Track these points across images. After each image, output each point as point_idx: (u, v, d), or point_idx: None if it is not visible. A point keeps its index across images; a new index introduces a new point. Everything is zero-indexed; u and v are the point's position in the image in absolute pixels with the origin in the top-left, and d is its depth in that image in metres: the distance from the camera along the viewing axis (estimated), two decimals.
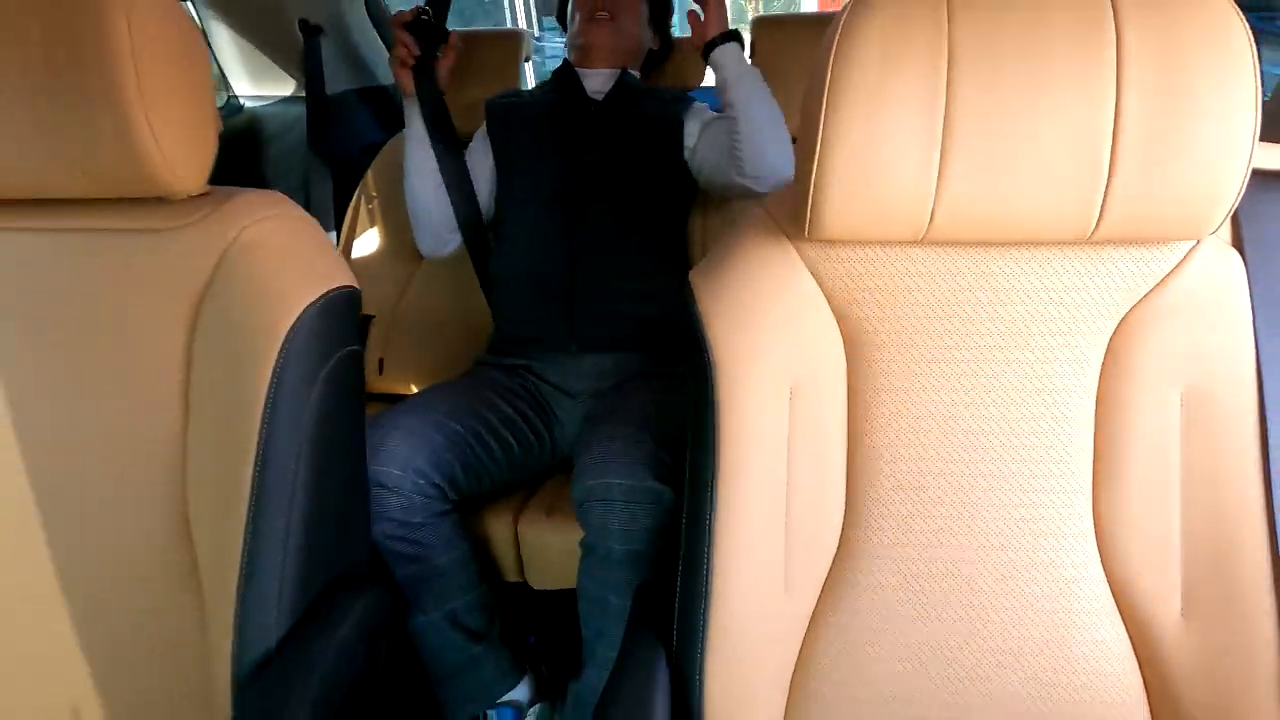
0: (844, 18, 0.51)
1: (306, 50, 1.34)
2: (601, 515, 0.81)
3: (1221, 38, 0.46)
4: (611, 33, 1.17)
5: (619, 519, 0.81)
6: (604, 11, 1.16)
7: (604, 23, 1.17)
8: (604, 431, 0.87)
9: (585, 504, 0.83)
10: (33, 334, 0.65)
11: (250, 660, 0.59)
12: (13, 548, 0.65)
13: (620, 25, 1.18)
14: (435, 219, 1.15)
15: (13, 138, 0.57)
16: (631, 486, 0.80)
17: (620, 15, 1.18)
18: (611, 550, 0.82)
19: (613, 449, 0.83)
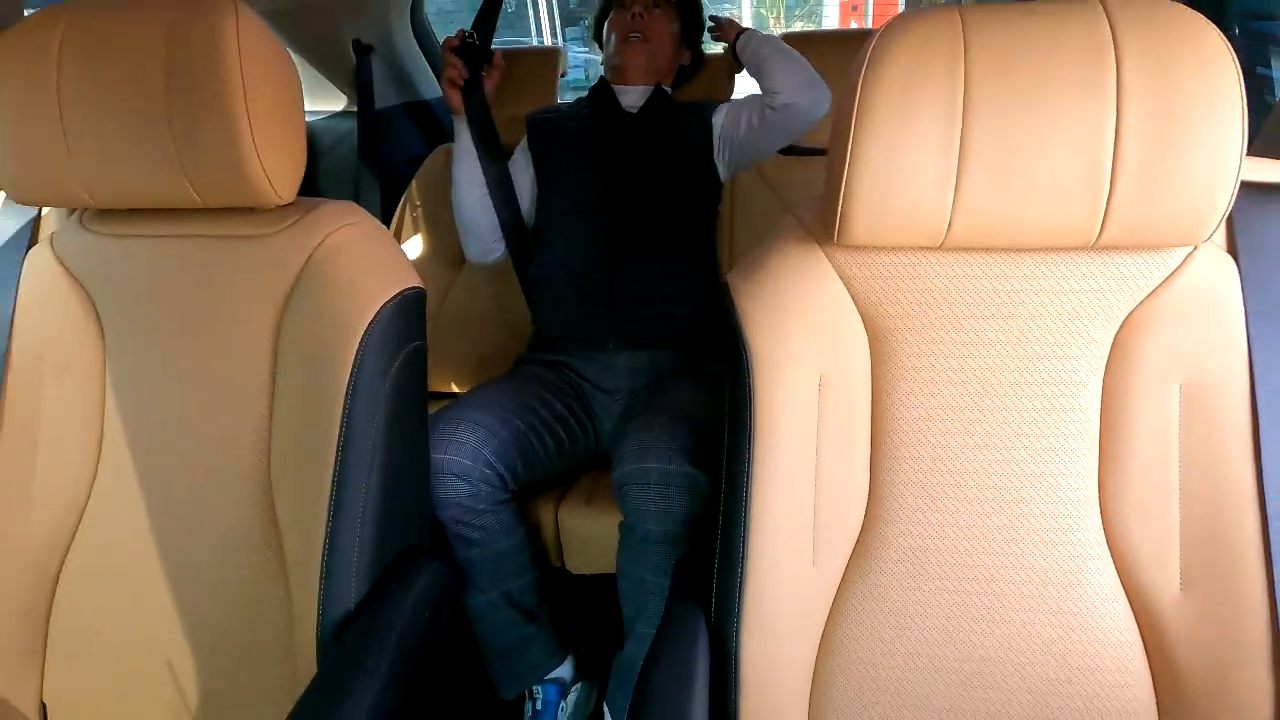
0: (872, 45, 0.57)
1: (358, 68, 1.43)
2: (640, 498, 0.87)
3: (1211, 67, 0.52)
4: (645, 53, 1.25)
5: (656, 502, 0.86)
6: (637, 33, 1.24)
7: (638, 44, 1.24)
8: (642, 421, 0.93)
9: (624, 488, 0.89)
10: (150, 326, 0.73)
11: (332, 620, 0.66)
12: (121, 514, 0.73)
13: (653, 45, 1.26)
14: (482, 228, 1.23)
15: (136, 155, 0.65)
16: (668, 471, 0.86)
17: (653, 36, 1.25)
18: (649, 532, 0.87)
19: (651, 437, 0.89)
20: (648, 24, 1.25)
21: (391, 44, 1.63)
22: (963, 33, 0.55)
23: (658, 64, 1.28)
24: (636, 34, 1.24)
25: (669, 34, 1.29)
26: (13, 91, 0.66)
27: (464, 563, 0.94)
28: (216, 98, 0.63)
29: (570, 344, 1.15)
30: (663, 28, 1.28)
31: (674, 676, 0.59)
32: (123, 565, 0.74)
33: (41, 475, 0.74)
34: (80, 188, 0.68)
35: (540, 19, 7.29)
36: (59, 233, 0.77)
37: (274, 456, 0.71)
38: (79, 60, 0.65)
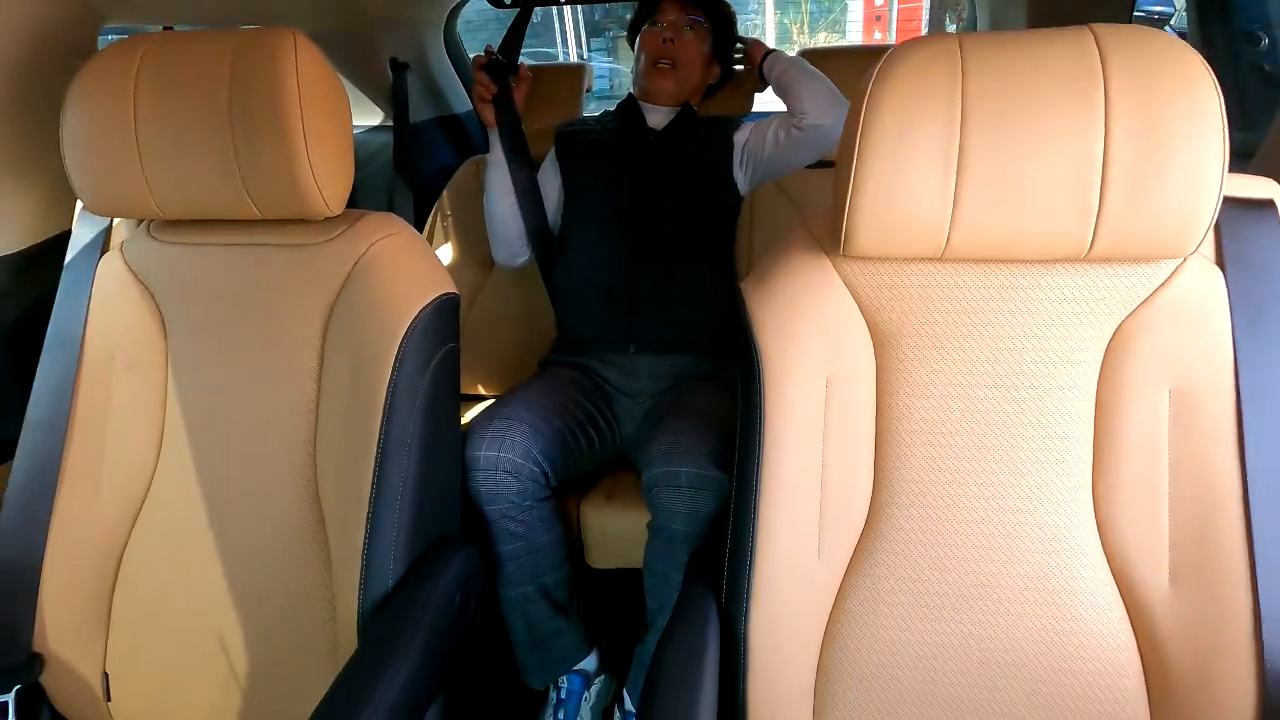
0: (877, 70, 0.61)
1: (395, 85, 1.50)
2: (669, 499, 0.91)
3: (1193, 91, 0.55)
4: (674, 80, 1.28)
5: (684, 503, 0.90)
6: (667, 61, 1.27)
7: (667, 71, 1.27)
8: (671, 425, 0.98)
9: (654, 489, 0.93)
10: (208, 326, 0.79)
11: (371, 600, 0.72)
12: (180, 499, 0.80)
13: (682, 73, 1.29)
14: (511, 234, 1.29)
15: (202, 171, 0.72)
16: (697, 474, 0.90)
17: (682, 63, 1.28)
18: (676, 531, 0.92)
19: (680, 441, 0.93)
20: (678, 50, 1.28)
21: (426, 61, 1.70)
22: (961, 58, 0.60)
23: (686, 89, 1.31)
24: (666, 62, 1.27)
25: (699, 57, 1.31)
26: (95, 113, 0.73)
27: (504, 556, 0.99)
28: (275, 118, 0.69)
29: (593, 347, 1.20)
30: (693, 51, 1.30)
31: (686, 652, 0.64)
32: (180, 547, 0.80)
33: (109, 462, 0.81)
34: (151, 200, 0.75)
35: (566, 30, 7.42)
36: (128, 241, 0.84)
37: (319, 448, 0.77)
38: (153, 84, 0.72)
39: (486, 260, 1.56)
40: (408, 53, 1.59)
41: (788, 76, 1.22)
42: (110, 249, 0.85)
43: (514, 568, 0.99)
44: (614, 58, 7.12)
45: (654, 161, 1.25)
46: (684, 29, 1.29)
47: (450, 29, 1.81)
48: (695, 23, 1.30)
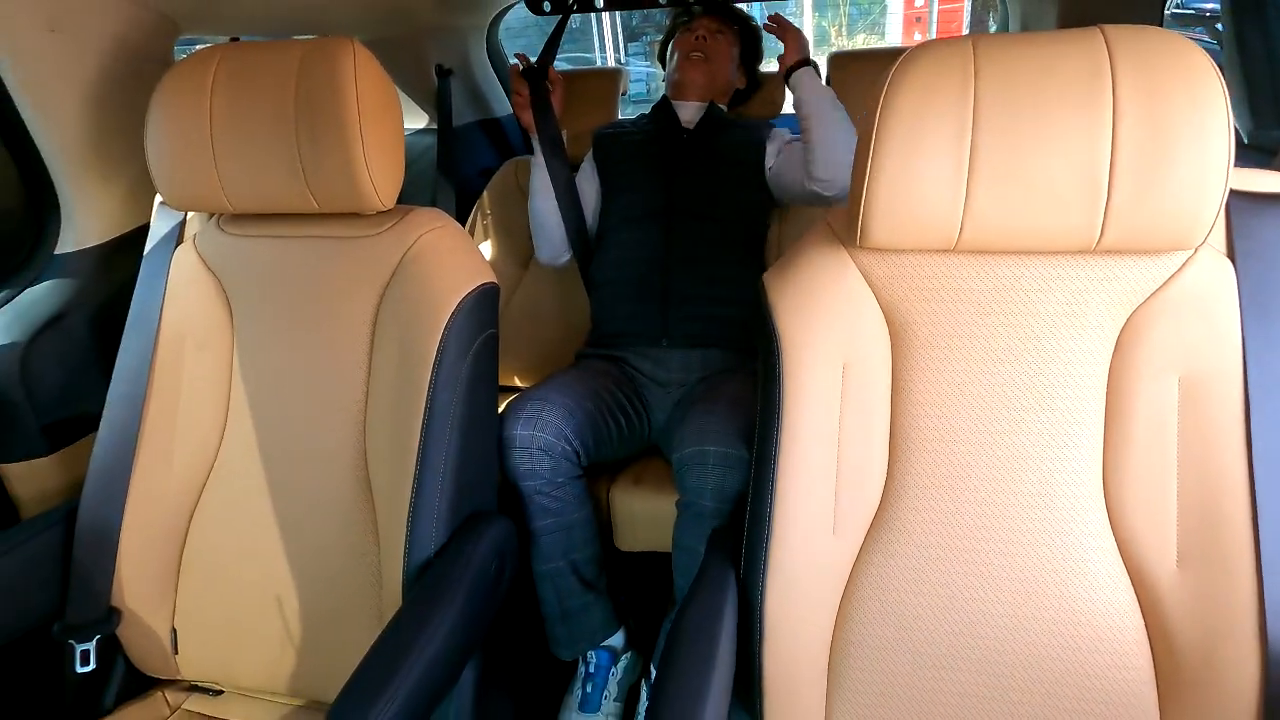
0: (893, 70, 0.65)
1: (440, 90, 1.57)
2: (698, 477, 0.96)
3: (1199, 87, 0.58)
4: (705, 71, 1.35)
5: (713, 480, 0.95)
6: (699, 52, 1.35)
7: (699, 62, 1.35)
8: (701, 408, 1.03)
9: (683, 467, 0.98)
10: (270, 312, 0.87)
11: (416, 563, 0.78)
12: (242, 469, 0.87)
13: (713, 65, 1.36)
14: (554, 233, 1.35)
15: (269, 168, 0.79)
16: (725, 453, 0.94)
17: (714, 57, 1.36)
18: (705, 508, 0.96)
19: (710, 421, 0.98)
20: (710, 46, 1.36)
21: (469, 66, 1.78)
22: (973, 58, 0.63)
23: (715, 83, 1.37)
24: (698, 53, 1.35)
25: (729, 57, 1.40)
26: (175, 117, 0.81)
27: (538, 531, 1.04)
28: (336, 121, 0.76)
29: (627, 340, 1.25)
30: (724, 51, 1.39)
31: (704, 619, 0.68)
32: (241, 514, 0.87)
33: (180, 435, 0.88)
34: (222, 195, 0.82)
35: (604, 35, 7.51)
36: (200, 233, 0.92)
37: (368, 425, 0.84)
38: (227, 91, 0.79)
39: (524, 257, 1.62)
40: (452, 59, 1.67)
41: (809, 112, 1.19)
42: (184, 241, 0.92)
43: (547, 543, 1.04)
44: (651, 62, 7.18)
45: (687, 160, 1.30)
46: (716, 33, 1.39)
47: (492, 35, 1.88)
48: (726, 28, 1.40)
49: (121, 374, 0.88)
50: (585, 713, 1.08)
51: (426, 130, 1.78)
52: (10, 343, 0.90)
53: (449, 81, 1.60)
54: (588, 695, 1.09)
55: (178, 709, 0.90)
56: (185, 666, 0.89)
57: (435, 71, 1.60)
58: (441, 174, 1.58)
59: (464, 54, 1.75)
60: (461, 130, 1.77)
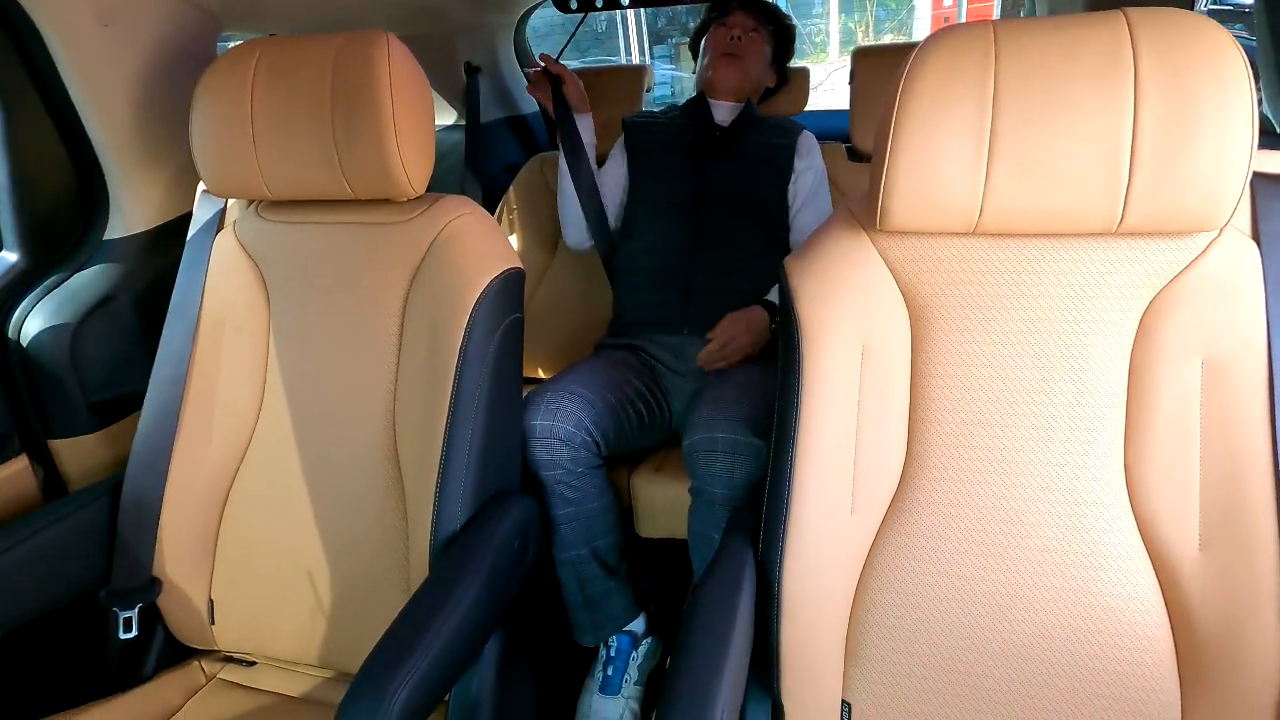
0: (914, 55, 0.66)
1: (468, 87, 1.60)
2: (708, 464, 0.97)
3: (1222, 68, 0.58)
4: (739, 71, 1.35)
5: (722, 467, 0.96)
6: (733, 53, 1.36)
7: (733, 62, 1.35)
8: (712, 395, 1.04)
9: (694, 455, 0.99)
10: (305, 296, 0.90)
11: (442, 537, 0.80)
12: (277, 447, 0.90)
13: (746, 65, 1.36)
14: (579, 223, 1.39)
15: (306, 156, 0.82)
16: (734, 440, 0.95)
17: (748, 57, 1.37)
18: (715, 495, 0.97)
19: (719, 409, 0.99)
20: (744, 45, 1.37)
21: (496, 64, 1.81)
22: (994, 41, 0.64)
23: (749, 83, 1.38)
24: (732, 54, 1.35)
25: (762, 56, 1.41)
26: (218, 107, 0.84)
27: (559, 520, 1.06)
28: (370, 110, 0.79)
29: (647, 328, 1.26)
30: (757, 50, 1.39)
31: (721, 596, 0.69)
32: (276, 490, 0.90)
33: (219, 414, 0.92)
34: (261, 183, 0.86)
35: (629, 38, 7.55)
36: (239, 220, 0.96)
37: (398, 404, 0.86)
38: (267, 82, 0.83)
39: (548, 251, 1.65)
40: (480, 56, 1.70)
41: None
42: (224, 227, 0.96)
43: (567, 531, 1.06)
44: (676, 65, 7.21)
45: (719, 156, 1.31)
46: (750, 31, 1.39)
47: (520, 34, 1.92)
48: (759, 26, 1.40)
49: (164, 356, 0.92)
50: (606, 695, 1.09)
51: (455, 126, 1.82)
52: (61, 324, 0.95)
53: (477, 79, 1.63)
54: (608, 678, 1.10)
55: (213, 678, 0.93)
56: (221, 637, 0.93)
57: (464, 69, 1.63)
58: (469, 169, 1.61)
59: (492, 52, 1.79)
60: (489, 127, 1.80)
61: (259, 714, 0.88)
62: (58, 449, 0.98)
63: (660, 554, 1.22)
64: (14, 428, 0.95)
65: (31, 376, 0.95)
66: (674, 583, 1.23)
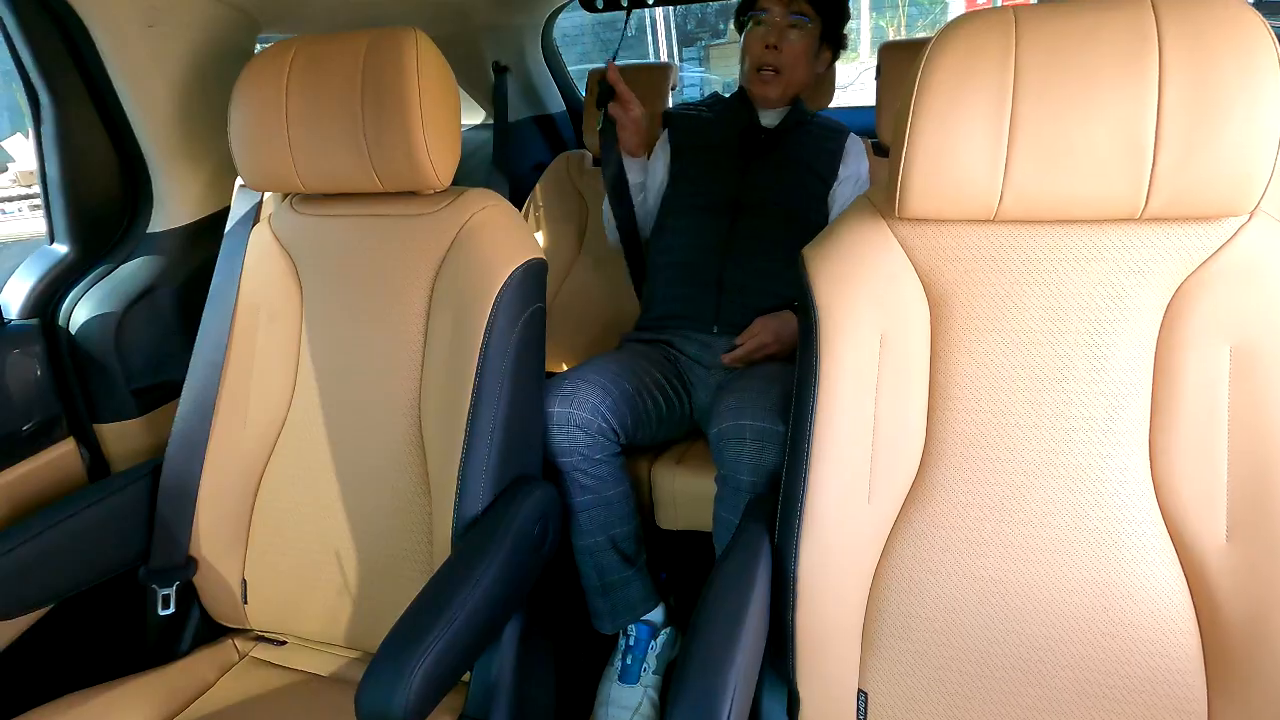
0: (932, 42, 0.66)
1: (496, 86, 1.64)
2: (735, 452, 0.97)
3: (1250, 47, 0.57)
4: (778, 85, 1.28)
5: (749, 454, 0.96)
6: (770, 68, 1.27)
7: (770, 78, 1.28)
8: (738, 385, 1.04)
9: (721, 442, 0.99)
10: (336, 285, 0.93)
11: (464, 519, 0.82)
12: (309, 430, 0.93)
13: (786, 76, 1.28)
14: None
15: (338, 149, 0.85)
16: (761, 428, 0.96)
17: (787, 66, 1.27)
18: (742, 482, 0.97)
19: (746, 397, 0.99)
20: (782, 55, 1.26)
21: (524, 64, 1.84)
22: (1014, 26, 0.63)
23: (791, 90, 1.31)
24: (769, 69, 1.27)
25: (804, 57, 1.28)
26: (254, 104, 0.87)
27: (576, 507, 1.07)
28: (399, 104, 0.81)
29: (676, 324, 1.27)
30: (798, 52, 1.27)
31: (736, 580, 0.69)
32: (307, 472, 0.93)
33: (254, 399, 0.95)
34: (295, 176, 0.89)
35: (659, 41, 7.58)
36: (274, 214, 0.99)
37: (423, 390, 0.88)
38: (301, 80, 0.86)
39: (574, 247, 1.67)
40: (508, 56, 1.73)
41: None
42: (260, 220, 1.00)
43: (585, 519, 1.07)
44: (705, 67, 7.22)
45: (762, 158, 1.29)
46: (788, 31, 1.25)
47: (547, 33, 1.94)
48: (800, 21, 1.25)
49: (203, 343, 0.96)
50: (624, 684, 1.10)
51: (483, 125, 1.85)
52: (107, 313, 0.99)
53: (505, 78, 1.66)
54: (627, 667, 1.11)
55: (246, 656, 0.96)
56: (253, 616, 0.96)
57: (492, 69, 1.66)
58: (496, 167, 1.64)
59: (520, 51, 1.82)
60: (517, 125, 1.83)
61: (288, 692, 0.91)
62: (102, 433, 1.03)
63: (680, 546, 1.23)
64: (63, 412, 0.99)
65: (79, 363, 1.00)
66: (694, 575, 1.24)
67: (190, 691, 0.89)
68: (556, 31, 2.01)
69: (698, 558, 1.15)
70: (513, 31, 1.77)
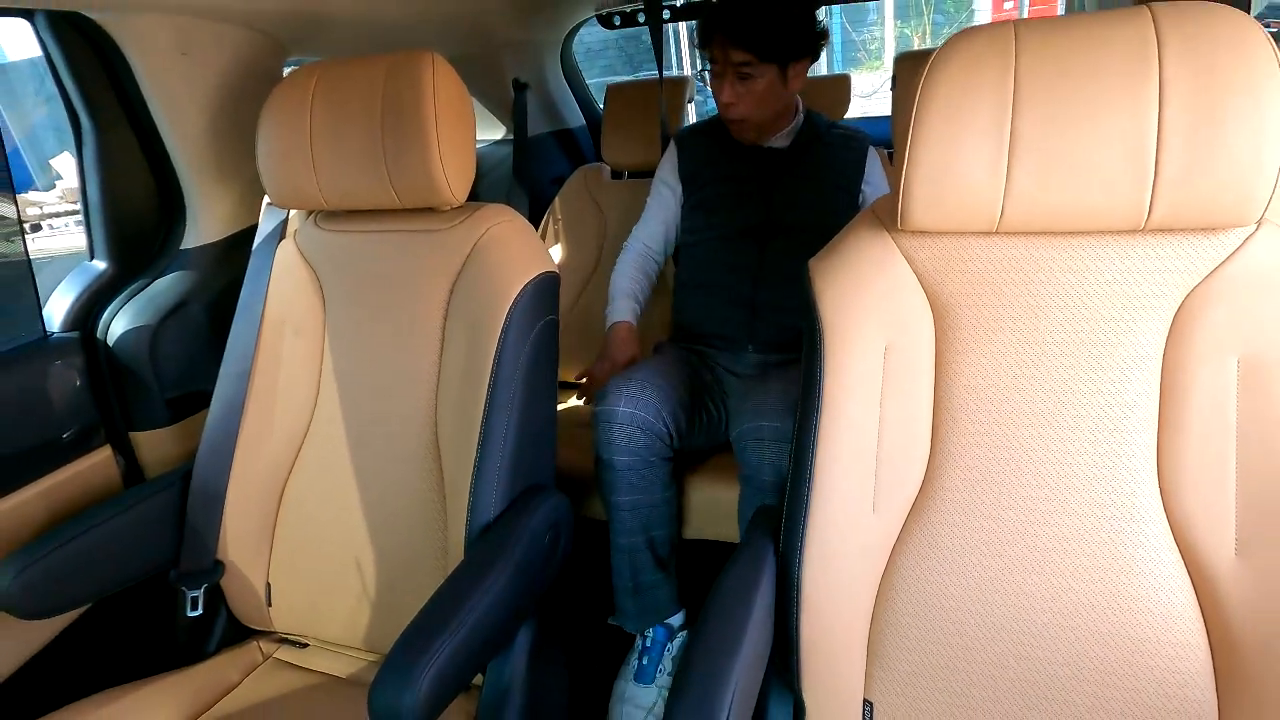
0: (934, 56, 0.67)
1: (516, 103, 1.68)
2: (756, 452, 0.99)
3: (1250, 58, 0.57)
4: (751, 127, 1.24)
5: (770, 455, 0.98)
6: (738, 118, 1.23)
7: (739, 122, 1.24)
8: (759, 389, 1.06)
9: (743, 443, 1.01)
10: (357, 298, 0.96)
11: (477, 525, 0.84)
12: (331, 438, 0.96)
13: (755, 116, 1.23)
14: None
15: (359, 168, 0.88)
16: (780, 429, 0.97)
17: (751, 109, 1.21)
18: (765, 482, 0.99)
19: (767, 400, 1.01)
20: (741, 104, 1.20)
21: (544, 80, 1.88)
22: (1015, 41, 0.64)
23: (769, 125, 1.26)
24: (737, 119, 1.23)
25: (768, 93, 1.20)
26: (280, 125, 0.91)
27: (621, 505, 1.09)
28: (416, 125, 0.84)
29: (711, 340, 1.28)
30: (758, 93, 1.20)
31: (742, 579, 0.70)
32: (329, 479, 0.96)
33: (279, 408, 0.99)
34: (319, 193, 0.92)
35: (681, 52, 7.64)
36: (299, 230, 1.03)
37: (440, 400, 0.91)
38: (325, 102, 0.89)
39: (592, 259, 1.70)
40: (528, 73, 1.77)
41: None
42: (286, 237, 1.04)
43: (629, 518, 1.09)
44: None
45: (781, 184, 1.27)
46: (737, 83, 1.19)
47: (567, 50, 1.98)
48: (745, 69, 1.18)
49: (231, 354, 1.00)
50: (640, 683, 1.12)
51: (504, 141, 1.90)
52: (143, 325, 1.04)
53: (524, 95, 1.71)
54: (643, 667, 1.12)
55: (269, 657, 1.00)
56: (277, 619, 0.99)
57: (512, 86, 1.70)
58: (516, 181, 1.68)
59: (540, 68, 1.86)
60: (537, 140, 1.87)
61: (308, 693, 0.93)
62: (137, 440, 1.07)
63: (699, 556, 1.24)
64: (100, 420, 1.04)
65: (116, 374, 1.05)
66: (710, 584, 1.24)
67: (215, 691, 0.92)
68: (580, 46, 2.05)
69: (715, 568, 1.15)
70: (532, 49, 1.81)
